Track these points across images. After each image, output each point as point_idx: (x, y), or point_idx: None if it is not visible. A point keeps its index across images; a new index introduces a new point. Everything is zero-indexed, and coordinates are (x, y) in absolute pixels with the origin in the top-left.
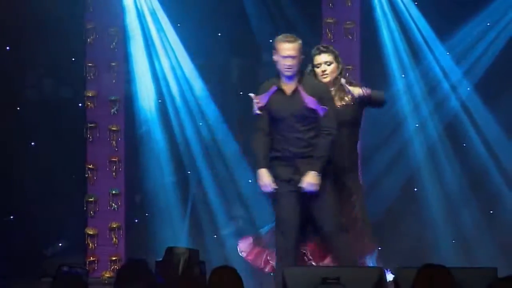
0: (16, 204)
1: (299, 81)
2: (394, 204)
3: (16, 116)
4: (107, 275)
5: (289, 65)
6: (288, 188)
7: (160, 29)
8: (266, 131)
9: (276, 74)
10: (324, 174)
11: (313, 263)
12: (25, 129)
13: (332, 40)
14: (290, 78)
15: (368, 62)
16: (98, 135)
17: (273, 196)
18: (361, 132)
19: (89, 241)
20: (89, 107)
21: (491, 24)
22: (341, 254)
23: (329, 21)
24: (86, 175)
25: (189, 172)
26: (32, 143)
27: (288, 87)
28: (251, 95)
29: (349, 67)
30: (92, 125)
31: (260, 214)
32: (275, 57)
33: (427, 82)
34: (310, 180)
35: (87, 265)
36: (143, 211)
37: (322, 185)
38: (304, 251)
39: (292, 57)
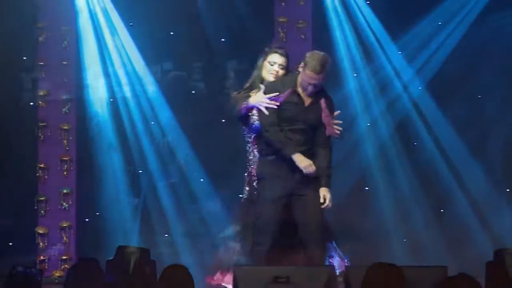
0: None
1: (319, 93)
2: (345, 203)
3: None
4: (57, 274)
5: (312, 91)
6: (284, 190)
7: (112, 28)
8: (277, 125)
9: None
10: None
11: None
12: None
13: (284, 39)
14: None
15: None
16: (49, 134)
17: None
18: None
19: (39, 240)
20: (40, 106)
21: (443, 24)
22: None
23: (281, 20)
24: (37, 174)
25: (140, 171)
26: None
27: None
28: (262, 88)
29: (301, 66)
30: (44, 124)
31: (211, 213)
32: (301, 69)
33: (378, 81)
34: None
35: (38, 264)
36: (94, 210)
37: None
38: None
39: (316, 84)
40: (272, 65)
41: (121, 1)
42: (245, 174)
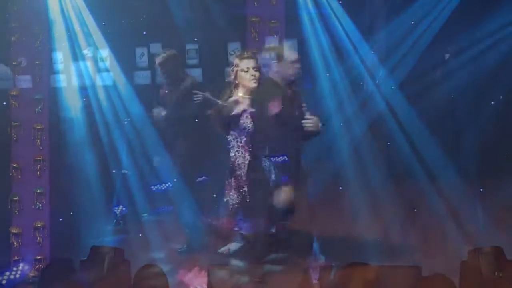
0: None
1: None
2: (318, 203)
3: None
4: (31, 274)
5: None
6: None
7: (85, 27)
8: None
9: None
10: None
11: None
12: None
13: (256, 39)
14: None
15: None
16: (22, 134)
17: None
18: None
19: (13, 240)
20: (13, 106)
21: (415, 23)
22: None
23: (253, 20)
24: (11, 174)
25: (114, 171)
26: None
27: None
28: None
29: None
30: (17, 124)
31: (185, 211)
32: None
33: (351, 81)
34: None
35: (12, 264)
36: (68, 210)
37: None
38: None
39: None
40: (246, 71)
41: (93, 0)
42: (231, 179)
